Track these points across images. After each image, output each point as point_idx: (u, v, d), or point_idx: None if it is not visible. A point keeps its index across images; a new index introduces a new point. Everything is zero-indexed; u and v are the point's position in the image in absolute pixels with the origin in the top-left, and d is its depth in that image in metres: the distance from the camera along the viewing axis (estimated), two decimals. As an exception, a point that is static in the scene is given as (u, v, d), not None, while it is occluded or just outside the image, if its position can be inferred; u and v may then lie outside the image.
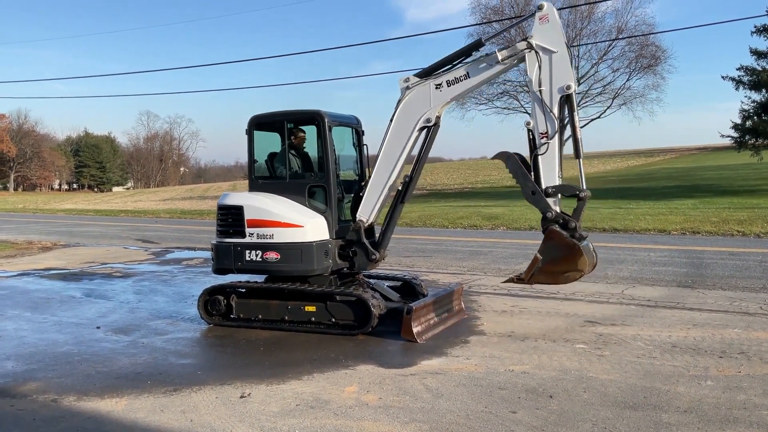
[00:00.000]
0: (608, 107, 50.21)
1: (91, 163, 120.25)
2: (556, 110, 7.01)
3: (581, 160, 6.95)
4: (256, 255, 7.75)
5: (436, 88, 7.51)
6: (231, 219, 7.94)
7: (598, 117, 50.82)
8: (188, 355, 6.91)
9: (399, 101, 7.69)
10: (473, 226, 23.24)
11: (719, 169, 50.78)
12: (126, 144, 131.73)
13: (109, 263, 14.75)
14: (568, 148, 7.29)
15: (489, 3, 50.44)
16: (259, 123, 8.33)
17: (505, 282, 8.00)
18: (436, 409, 5.08)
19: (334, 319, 7.63)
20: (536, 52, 6.95)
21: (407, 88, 7.63)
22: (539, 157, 7.04)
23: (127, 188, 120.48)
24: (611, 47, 48.18)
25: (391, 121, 7.73)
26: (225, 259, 7.97)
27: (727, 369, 6.03)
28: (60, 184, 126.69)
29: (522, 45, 7.12)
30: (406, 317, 7.19)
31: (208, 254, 16.22)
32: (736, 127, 35.45)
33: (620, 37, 46.51)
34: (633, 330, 7.62)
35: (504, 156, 7.34)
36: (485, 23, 48.07)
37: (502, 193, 45.15)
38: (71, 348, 7.16)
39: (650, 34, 45.22)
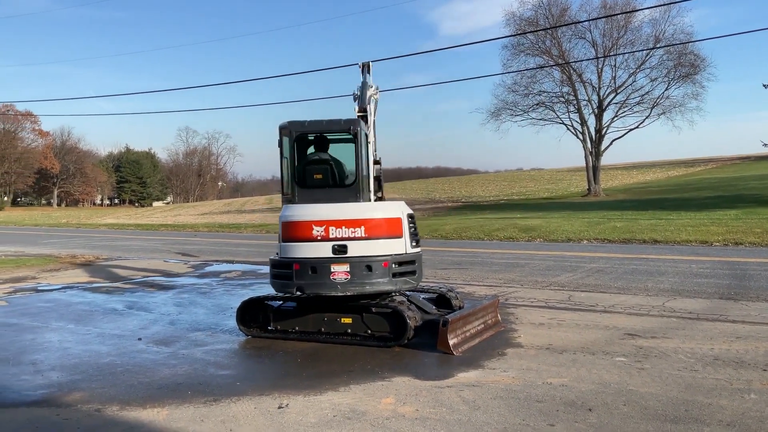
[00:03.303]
0: (647, 117, 49.44)
1: (132, 178, 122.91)
2: None
3: None
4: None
5: None
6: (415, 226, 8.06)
7: (637, 127, 50.04)
8: (227, 366, 7.01)
9: None
10: (509, 238, 23.10)
11: (762, 179, 49.59)
12: (166, 159, 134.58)
13: (150, 276, 15.03)
14: (607, 158, 7.27)
15: (523, 14, 50.36)
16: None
17: None
18: (473, 422, 5.06)
19: (370, 331, 7.66)
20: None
21: None
22: None
23: (167, 203, 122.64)
24: (649, 56, 47.55)
25: None
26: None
27: (772, 383, 5.88)
28: (102, 200, 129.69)
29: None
30: (442, 329, 7.18)
31: (246, 267, 16.52)
32: (779, 135, 34.59)
33: (658, 46, 45.88)
34: (674, 342, 7.49)
35: None
36: (520, 34, 47.97)
37: (538, 204, 44.79)
38: (114, 359, 7.31)
39: (688, 42, 44.52)
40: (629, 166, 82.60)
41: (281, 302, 8.33)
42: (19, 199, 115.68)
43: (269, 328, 8.21)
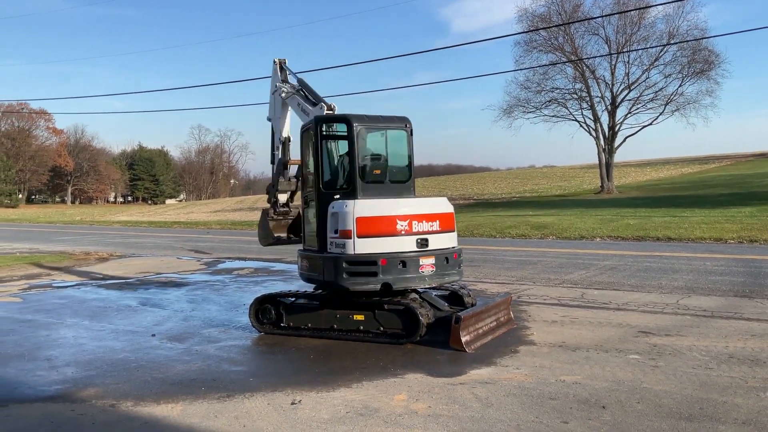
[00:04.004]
0: (660, 113, 49.01)
1: (145, 176, 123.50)
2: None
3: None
4: None
5: None
6: None
7: (650, 124, 49.62)
8: (240, 363, 7.04)
9: None
10: (522, 236, 23.02)
11: (778, 176, 49.12)
12: (178, 157, 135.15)
13: (164, 273, 15.11)
14: (620, 155, 7.24)
15: (536, 11, 50.06)
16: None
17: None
18: (486, 419, 5.05)
19: (382, 328, 7.66)
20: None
21: None
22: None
23: (180, 200, 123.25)
24: (663, 52, 47.11)
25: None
26: None
27: (788, 381, 5.83)
28: (115, 197, 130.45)
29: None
30: (454, 326, 7.17)
31: (258, 264, 16.56)
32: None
33: (672, 42, 45.48)
34: (688, 340, 7.44)
35: None
36: (532, 31, 47.73)
37: (551, 202, 44.62)
38: (128, 355, 7.36)
39: (703, 38, 44.08)
40: (642, 163, 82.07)
41: (294, 299, 8.35)
42: (33, 197, 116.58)
43: (282, 324, 8.23)
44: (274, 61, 10.28)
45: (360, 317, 7.76)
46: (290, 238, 9.94)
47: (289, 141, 10.22)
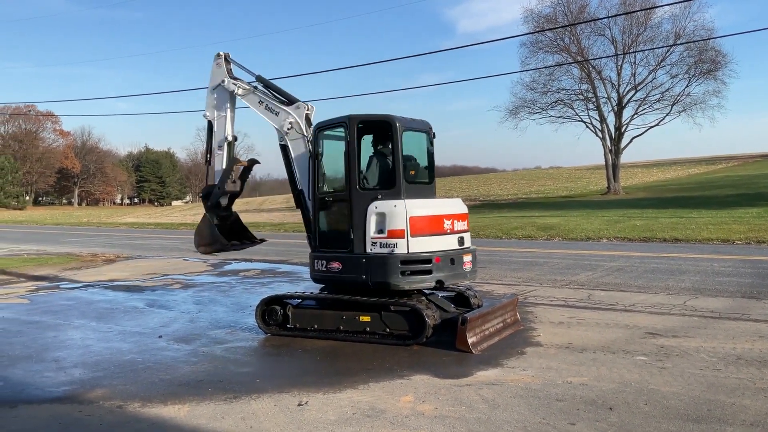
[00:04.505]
0: (667, 114, 48.90)
1: (152, 177, 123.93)
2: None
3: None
4: None
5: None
6: None
7: (657, 124, 49.55)
8: (247, 364, 7.05)
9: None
10: (528, 237, 22.99)
11: (786, 177, 48.91)
12: (185, 159, 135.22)
13: (170, 275, 15.15)
14: (627, 156, 7.25)
15: (542, 12, 50.05)
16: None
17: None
18: (493, 420, 5.04)
19: (388, 329, 7.66)
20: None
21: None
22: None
23: (186, 202, 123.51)
24: (669, 53, 46.99)
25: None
26: None
27: (796, 382, 5.80)
28: (122, 199, 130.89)
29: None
30: (461, 328, 7.16)
31: (264, 266, 16.59)
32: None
33: (678, 42, 45.35)
34: (696, 342, 7.41)
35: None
36: (538, 32, 47.69)
37: (557, 203, 44.55)
38: (135, 356, 7.39)
39: (710, 39, 43.94)
40: (649, 164, 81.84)
41: (300, 300, 8.36)
42: (40, 199, 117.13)
43: (288, 326, 8.24)
44: (219, 55, 9.54)
45: (366, 318, 7.76)
46: (244, 243, 9.72)
47: (235, 140, 9.69)
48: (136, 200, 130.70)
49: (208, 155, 9.69)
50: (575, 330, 8.21)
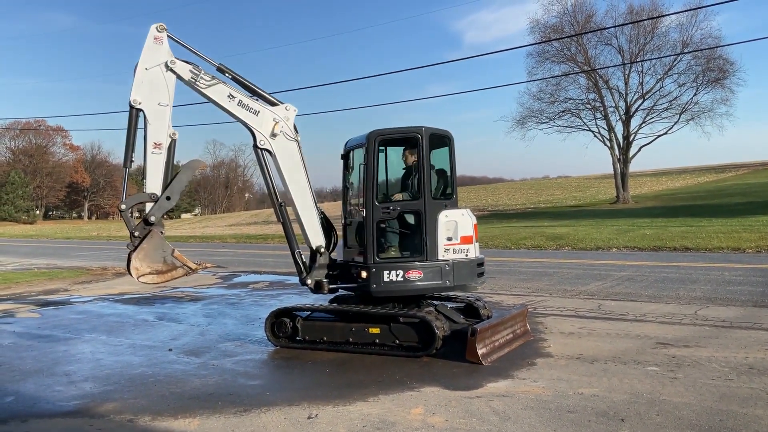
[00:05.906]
0: (675, 122, 48.74)
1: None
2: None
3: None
4: None
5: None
6: None
7: (665, 133, 49.38)
8: (257, 377, 7.05)
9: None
10: (537, 247, 22.93)
11: (796, 184, 48.61)
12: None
13: (180, 287, 15.17)
14: (635, 164, 7.23)
15: (548, 22, 50.12)
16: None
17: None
18: (504, 432, 5.02)
19: (398, 341, 7.64)
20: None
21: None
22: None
23: (195, 215, 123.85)
24: (676, 61, 46.93)
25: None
26: None
27: (810, 392, 5.75)
28: (131, 212, 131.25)
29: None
30: (470, 339, 7.14)
31: (273, 278, 16.61)
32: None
33: (685, 51, 45.30)
34: (707, 351, 7.36)
35: None
36: (545, 42, 47.76)
37: (566, 212, 44.42)
38: (145, 370, 7.40)
39: (717, 47, 43.84)
40: (658, 173, 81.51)
41: (310, 312, 8.37)
42: (50, 213, 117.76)
43: (297, 338, 8.24)
44: (157, 29, 7.94)
45: (376, 330, 7.75)
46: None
47: (176, 139, 8.43)
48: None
49: (132, 154, 8.26)
50: (586, 340, 8.17)
